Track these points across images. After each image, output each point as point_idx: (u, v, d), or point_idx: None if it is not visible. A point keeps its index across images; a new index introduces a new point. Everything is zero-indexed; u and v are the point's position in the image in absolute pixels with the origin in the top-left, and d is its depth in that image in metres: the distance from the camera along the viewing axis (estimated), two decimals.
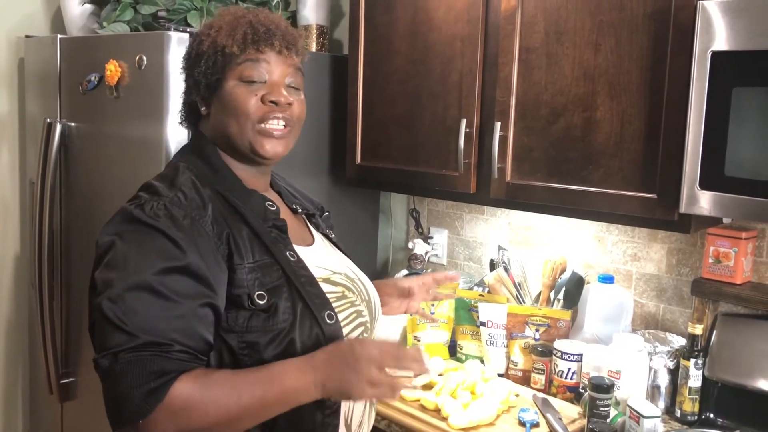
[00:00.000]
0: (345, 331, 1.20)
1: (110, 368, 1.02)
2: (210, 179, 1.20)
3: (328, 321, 1.16)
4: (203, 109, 1.24)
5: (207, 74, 1.21)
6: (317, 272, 1.22)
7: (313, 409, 1.14)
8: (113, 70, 2.00)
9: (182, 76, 1.28)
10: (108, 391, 1.03)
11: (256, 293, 1.11)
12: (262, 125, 1.20)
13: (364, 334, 1.28)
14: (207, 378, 1.04)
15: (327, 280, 1.23)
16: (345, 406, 1.21)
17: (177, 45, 1.89)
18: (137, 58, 1.94)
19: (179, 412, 1.01)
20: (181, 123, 1.33)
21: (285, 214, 1.29)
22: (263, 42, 1.20)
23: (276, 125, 1.20)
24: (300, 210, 1.38)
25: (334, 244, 1.42)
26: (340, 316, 1.20)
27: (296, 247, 1.23)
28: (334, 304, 1.20)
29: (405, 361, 1.09)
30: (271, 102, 1.19)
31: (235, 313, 1.11)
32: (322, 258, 1.28)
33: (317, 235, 1.37)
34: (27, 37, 2.41)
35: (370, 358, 1.06)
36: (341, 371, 1.06)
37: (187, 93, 1.27)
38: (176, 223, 1.08)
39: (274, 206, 1.24)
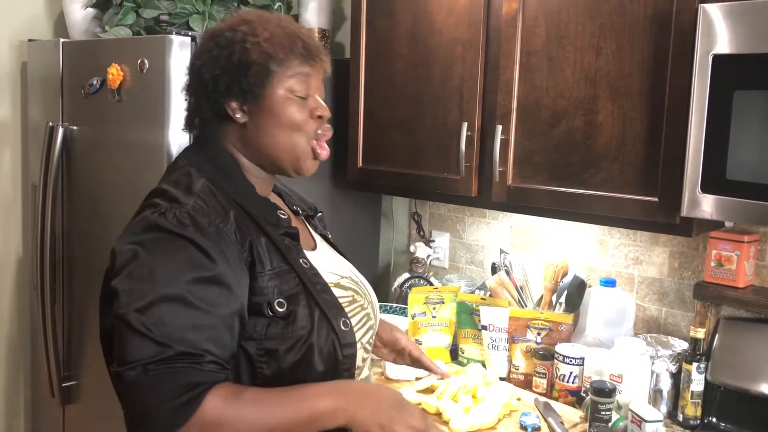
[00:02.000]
0: (357, 335, 1.20)
1: (138, 380, 0.99)
2: (224, 186, 1.17)
3: (343, 328, 1.16)
4: (240, 117, 1.19)
5: (257, 85, 1.16)
6: (328, 277, 1.22)
7: None
8: (115, 73, 2.00)
9: (205, 79, 1.18)
10: (134, 404, 1.00)
11: (276, 300, 1.11)
12: (314, 143, 1.22)
13: (373, 337, 1.30)
14: (240, 394, 1.03)
15: (337, 285, 1.23)
16: None
17: (179, 49, 1.89)
18: (139, 61, 1.95)
19: (210, 426, 0.99)
20: (189, 128, 1.26)
21: (291, 218, 1.28)
22: (315, 57, 1.21)
23: (323, 147, 1.23)
24: (301, 212, 1.38)
25: (332, 245, 1.42)
26: (353, 321, 1.20)
27: (306, 253, 1.23)
28: (346, 309, 1.20)
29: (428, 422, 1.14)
30: (319, 117, 1.21)
31: (254, 321, 1.10)
32: (328, 262, 1.29)
33: (317, 237, 1.37)
34: (30, 41, 2.42)
35: (410, 413, 1.11)
36: (377, 408, 1.08)
37: (215, 98, 1.18)
38: (203, 231, 1.07)
39: (285, 214, 1.23)
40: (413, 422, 1.10)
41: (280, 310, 1.11)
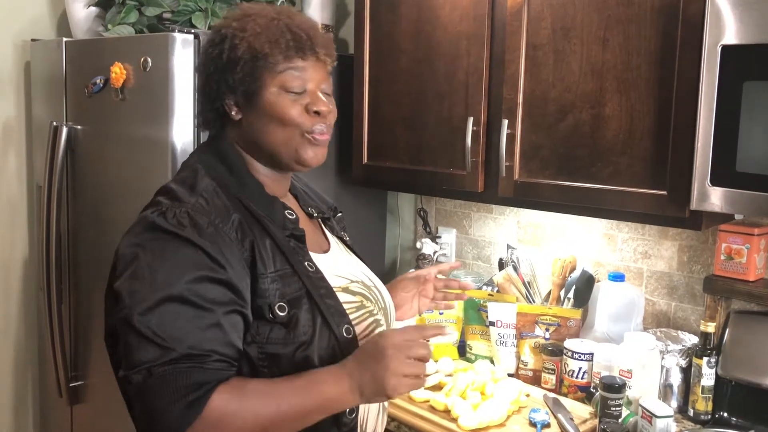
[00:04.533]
0: (363, 343, 1.17)
1: (144, 383, 0.99)
2: (230, 185, 1.16)
3: (345, 335, 1.14)
4: (235, 114, 1.19)
5: (245, 81, 1.15)
6: (335, 281, 1.20)
7: (330, 426, 1.13)
8: (118, 72, 2.00)
9: (203, 78, 1.20)
10: (141, 407, 1.00)
11: (277, 304, 1.10)
12: (309, 135, 1.18)
13: None
14: (244, 388, 1.03)
15: (345, 290, 1.21)
16: (360, 416, 1.20)
17: (182, 47, 1.88)
18: (142, 60, 1.94)
19: (218, 424, 0.99)
20: (202, 126, 1.26)
21: (302, 219, 1.26)
22: (308, 50, 1.17)
23: (320, 134, 1.19)
24: (315, 214, 1.35)
25: (349, 247, 1.39)
26: (359, 328, 1.19)
27: (313, 256, 1.20)
28: (352, 315, 1.18)
29: (427, 333, 1.11)
30: (315, 112, 1.17)
31: (256, 324, 1.09)
32: (339, 265, 1.26)
33: (332, 240, 1.34)
34: (33, 40, 2.42)
35: (394, 347, 1.06)
36: (373, 371, 1.06)
37: (213, 97, 1.19)
38: (201, 231, 1.06)
39: (293, 215, 1.21)
40: (402, 368, 1.06)
41: (281, 314, 1.09)
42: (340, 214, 1.45)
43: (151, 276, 1.03)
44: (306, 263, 1.17)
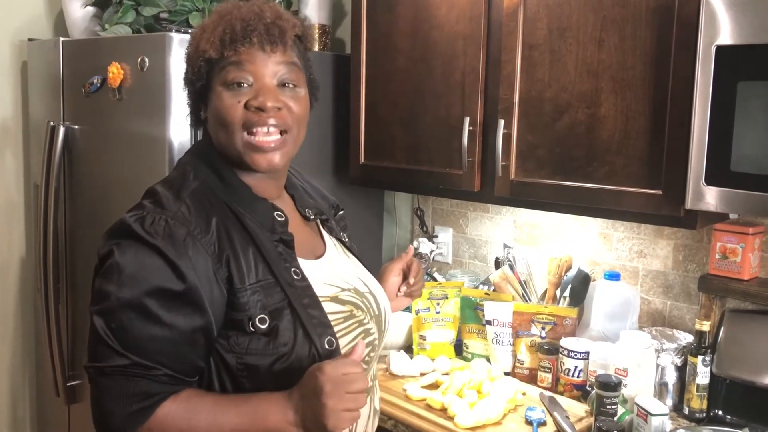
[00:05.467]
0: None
1: (97, 380, 1.03)
2: (217, 188, 1.14)
3: (327, 347, 1.11)
4: (203, 114, 1.18)
5: (193, 81, 1.15)
6: (324, 290, 1.16)
7: None
8: (115, 72, 2.00)
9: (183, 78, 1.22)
10: (93, 400, 1.05)
11: (258, 317, 1.07)
12: (250, 137, 1.11)
13: (371, 353, 1.24)
14: (192, 406, 1.04)
15: (335, 299, 1.17)
16: None
17: (179, 46, 1.88)
18: (139, 59, 1.94)
19: None
20: (191, 125, 1.26)
21: (295, 222, 1.23)
22: (240, 41, 1.09)
23: (265, 136, 1.11)
24: (312, 216, 1.30)
25: (348, 248, 1.36)
26: (347, 339, 1.16)
27: (303, 262, 1.17)
28: (339, 326, 1.15)
29: (355, 371, 1.03)
30: (257, 108, 1.09)
31: (235, 335, 1.08)
32: (331, 272, 1.22)
33: (330, 242, 1.30)
34: (30, 40, 2.42)
35: (332, 383, 1.00)
36: (313, 407, 1.01)
37: (190, 98, 1.21)
38: (175, 243, 1.03)
39: (282, 217, 1.17)
40: (345, 405, 1.01)
41: (261, 326, 1.07)
42: (341, 213, 1.42)
43: (118, 277, 1.03)
44: (292, 270, 1.13)
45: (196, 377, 1.08)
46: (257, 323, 1.07)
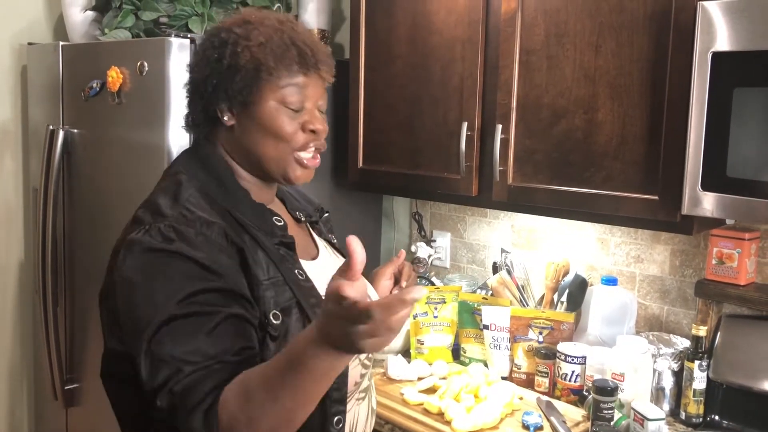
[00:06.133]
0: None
1: (170, 404, 0.98)
2: (215, 193, 1.14)
3: None
4: (228, 120, 1.16)
5: (243, 91, 1.13)
6: (324, 291, 1.18)
7: (322, 425, 1.12)
8: (115, 76, 2.00)
9: (197, 79, 1.18)
10: (174, 421, 0.99)
11: (272, 312, 1.08)
12: (300, 154, 1.17)
13: (369, 355, 1.25)
14: (246, 391, 0.97)
15: None
16: (349, 420, 1.19)
17: (178, 51, 1.89)
18: (138, 64, 1.95)
19: (228, 428, 0.95)
20: (186, 128, 1.23)
21: (290, 225, 1.24)
22: (311, 67, 1.15)
23: (311, 156, 1.18)
24: (303, 218, 1.33)
25: (337, 249, 1.38)
26: None
27: (303, 264, 1.18)
28: None
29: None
30: (311, 131, 1.16)
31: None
32: (327, 273, 1.19)
33: (321, 244, 1.32)
34: (30, 44, 2.42)
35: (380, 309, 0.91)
36: (340, 327, 0.90)
37: (206, 100, 1.16)
38: (191, 242, 1.04)
39: (281, 221, 1.19)
40: (363, 328, 0.90)
41: (275, 322, 1.07)
42: (326, 215, 1.44)
43: (152, 299, 1.01)
44: (296, 271, 1.15)
45: (255, 357, 1.04)
46: (271, 318, 1.08)
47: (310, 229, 1.35)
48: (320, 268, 1.23)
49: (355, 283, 0.86)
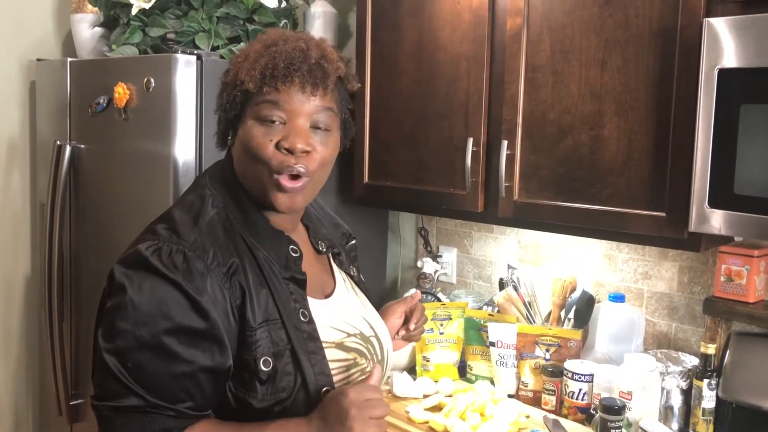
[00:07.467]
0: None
1: (111, 418, 1.00)
2: (235, 218, 1.11)
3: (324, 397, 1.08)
4: (230, 140, 1.15)
5: (227, 108, 1.12)
6: (330, 335, 1.14)
7: None
8: (122, 92, 2.02)
9: (218, 99, 1.18)
10: None
11: (263, 358, 1.05)
12: (277, 177, 1.08)
13: None
14: None
15: (339, 346, 1.15)
16: None
17: (184, 67, 1.90)
18: (145, 80, 1.96)
19: None
20: (217, 145, 1.20)
21: (308, 256, 1.20)
22: (281, 80, 1.06)
23: (289, 180, 1.08)
24: (323, 249, 1.26)
25: (357, 283, 1.32)
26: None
27: (312, 302, 1.14)
28: (341, 375, 1.13)
29: (377, 396, 1.03)
30: (287, 150, 1.07)
31: (238, 374, 1.06)
32: (339, 314, 1.19)
33: (339, 277, 1.27)
34: (38, 60, 2.44)
35: (357, 408, 1.00)
36: (338, 430, 1.00)
37: (219, 119, 1.17)
38: (194, 278, 1.01)
39: (297, 252, 1.14)
40: (373, 429, 1.01)
41: (264, 369, 1.05)
42: (352, 242, 1.39)
43: (134, 315, 1.00)
44: (300, 312, 1.11)
45: (210, 410, 1.06)
46: (261, 365, 1.05)
47: (331, 261, 1.29)
48: (332, 308, 1.19)
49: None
